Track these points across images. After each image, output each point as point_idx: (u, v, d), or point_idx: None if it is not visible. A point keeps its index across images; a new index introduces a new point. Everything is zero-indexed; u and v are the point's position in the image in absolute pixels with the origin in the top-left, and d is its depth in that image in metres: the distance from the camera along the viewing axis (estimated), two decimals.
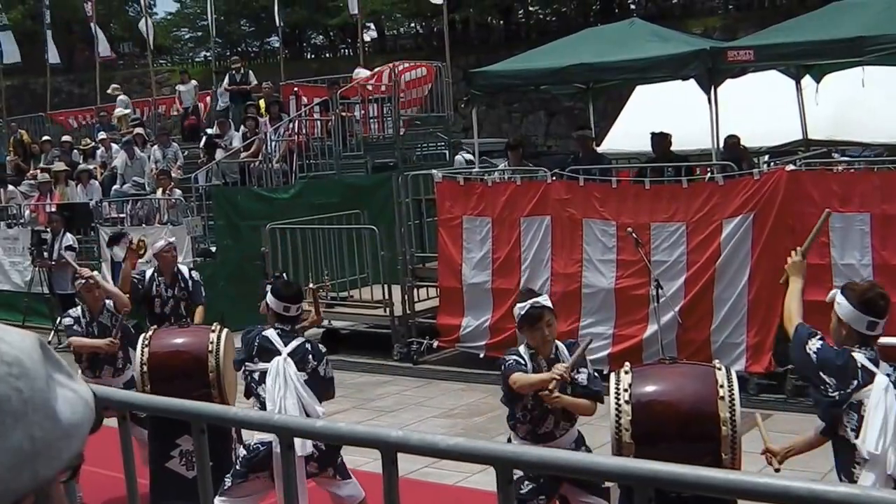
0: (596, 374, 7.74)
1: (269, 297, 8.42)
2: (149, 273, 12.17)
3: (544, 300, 7.59)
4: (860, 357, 6.23)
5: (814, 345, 6.43)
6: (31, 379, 1.53)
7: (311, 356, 8.22)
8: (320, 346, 8.55)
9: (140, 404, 4.75)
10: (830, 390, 6.24)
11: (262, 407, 7.94)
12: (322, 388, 8.28)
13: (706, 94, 14.64)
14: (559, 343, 7.62)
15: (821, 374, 6.30)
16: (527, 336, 7.56)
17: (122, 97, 31.42)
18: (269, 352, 8.11)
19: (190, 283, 12.15)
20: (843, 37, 13.91)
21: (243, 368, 8.29)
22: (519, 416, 7.54)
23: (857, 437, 6.13)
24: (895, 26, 13.71)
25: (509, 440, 7.66)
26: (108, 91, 32.77)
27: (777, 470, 6.83)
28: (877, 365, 6.21)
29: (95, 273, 11.29)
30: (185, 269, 12.51)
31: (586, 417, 7.69)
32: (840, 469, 6.37)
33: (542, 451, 4.08)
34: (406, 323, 16.68)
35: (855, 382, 6.17)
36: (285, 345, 8.14)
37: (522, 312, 7.48)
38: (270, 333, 8.22)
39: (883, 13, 14.34)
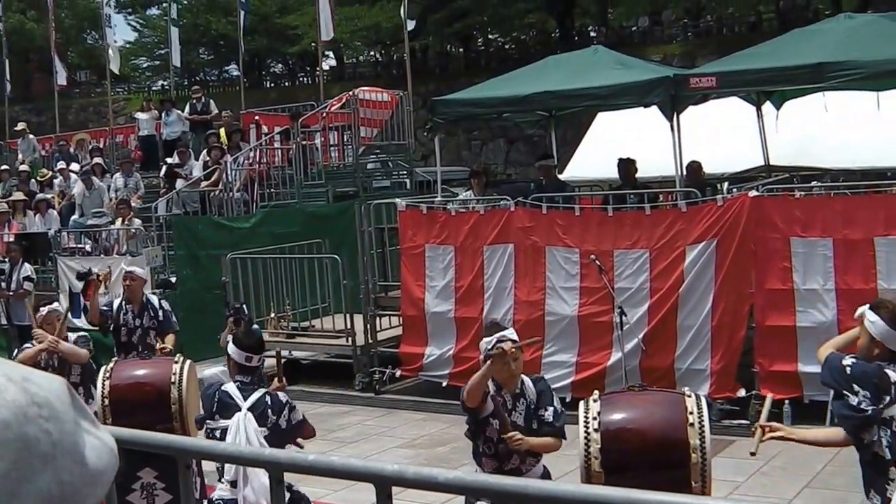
0: (562, 409, 7.68)
1: (231, 348, 8.25)
2: (116, 303, 12.07)
3: (511, 334, 7.54)
4: (893, 374, 6.24)
5: (848, 360, 6.44)
6: (61, 422, 1.49)
7: (269, 410, 7.96)
8: (280, 395, 8.22)
9: (125, 439, 4.66)
10: (864, 404, 6.24)
11: (222, 466, 7.82)
12: (291, 436, 8.09)
13: (669, 120, 14.68)
14: (525, 377, 7.56)
15: (854, 386, 6.30)
16: (493, 365, 7.46)
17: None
18: (229, 407, 7.89)
19: (160, 312, 12.08)
20: (805, 63, 14.00)
21: (205, 427, 8.13)
22: (483, 449, 7.48)
23: (891, 453, 6.13)
24: (855, 53, 13.83)
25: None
26: (16, 128, 32.26)
27: (753, 453, 6.92)
28: None
29: (53, 340, 11.06)
30: (154, 299, 12.43)
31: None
32: (871, 485, 6.36)
33: (541, 484, 4.04)
34: (368, 352, 16.58)
35: (888, 398, 6.19)
36: (245, 399, 7.90)
37: (489, 347, 7.40)
38: (230, 388, 8.01)
39: (843, 40, 14.48)
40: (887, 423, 6.18)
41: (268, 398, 8.06)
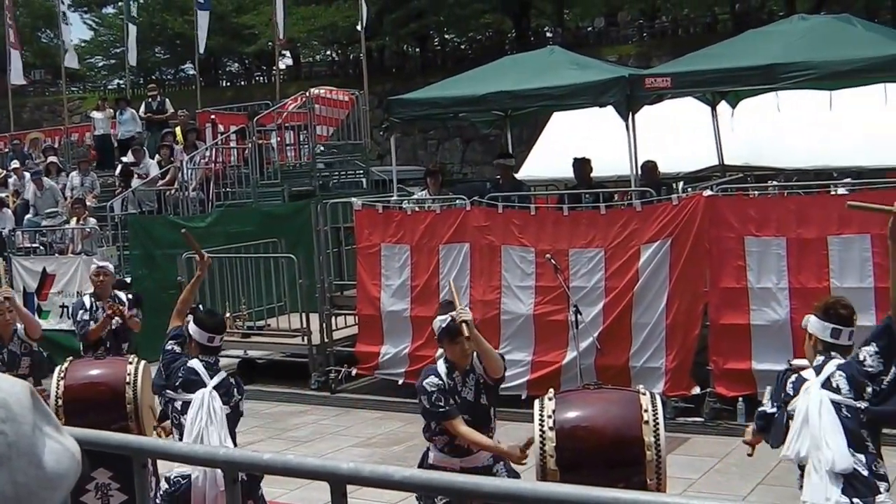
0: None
1: (192, 328, 8.24)
2: (87, 301, 12.03)
3: (466, 314, 7.56)
4: (806, 373, 6.39)
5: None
6: (18, 424, 1.49)
7: (235, 390, 8.08)
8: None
9: (80, 439, 4.63)
10: (769, 407, 6.48)
11: (181, 437, 7.82)
12: (236, 422, 8.18)
13: (624, 120, 14.74)
14: (475, 354, 7.61)
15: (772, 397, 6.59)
16: (446, 349, 7.56)
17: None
18: (193, 383, 7.94)
19: (128, 303, 12.08)
20: (758, 64, 14.08)
21: (163, 394, 8.14)
22: (436, 428, 7.49)
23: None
24: (808, 54, 13.93)
25: (426, 453, 7.64)
26: None
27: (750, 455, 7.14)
28: (819, 372, 6.38)
29: (11, 292, 11.11)
30: (121, 295, 12.38)
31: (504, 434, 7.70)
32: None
33: (499, 482, 4.05)
34: (324, 351, 16.56)
35: (782, 395, 6.39)
36: (211, 377, 7.98)
37: (444, 325, 7.47)
38: (196, 364, 8.04)
39: (797, 41, 14.58)
40: (790, 416, 6.36)
41: (232, 379, 8.18)
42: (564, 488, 3.26)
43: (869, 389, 6.28)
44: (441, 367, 7.53)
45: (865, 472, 6.15)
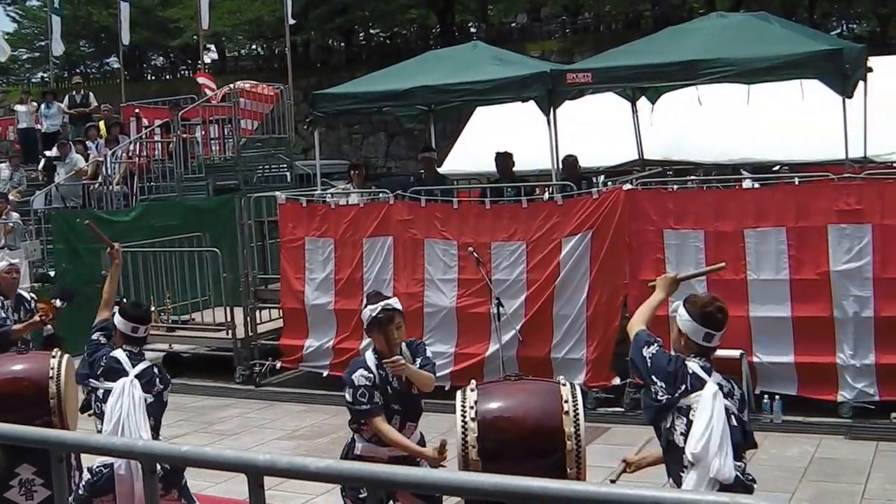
0: (434, 360, 7.91)
1: (117, 318, 8.27)
2: None
3: (395, 303, 7.65)
4: (693, 365, 6.42)
5: (650, 350, 6.59)
6: None
7: (157, 380, 8.10)
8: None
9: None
10: (659, 394, 6.44)
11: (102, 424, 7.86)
12: (161, 412, 8.21)
13: (545, 115, 14.90)
14: (403, 344, 7.70)
15: (652, 377, 6.49)
16: (375, 339, 7.59)
17: None
18: (116, 372, 7.96)
19: (33, 303, 11.98)
20: (678, 60, 14.30)
21: (87, 383, 8.17)
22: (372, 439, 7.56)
23: (685, 441, 6.32)
24: (727, 50, 14.17)
25: (351, 442, 7.73)
26: None
27: (613, 481, 7.05)
28: (709, 374, 6.40)
29: None
30: (24, 294, 12.29)
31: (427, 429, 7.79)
32: (669, 473, 6.54)
33: (414, 471, 4.12)
34: (248, 345, 16.58)
35: (683, 387, 6.37)
36: (133, 366, 8.02)
37: (374, 314, 7.52)
38: (119, 354, 8.07)
39: (715, 37, 14.82)
40: (683, 412, 6.38)
41: (155, 369, 8.21)
42: (480, 477, 3.36)
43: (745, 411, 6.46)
44: (370, 358, 7.57)
45: (741, 482, 6.29)
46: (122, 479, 7.60)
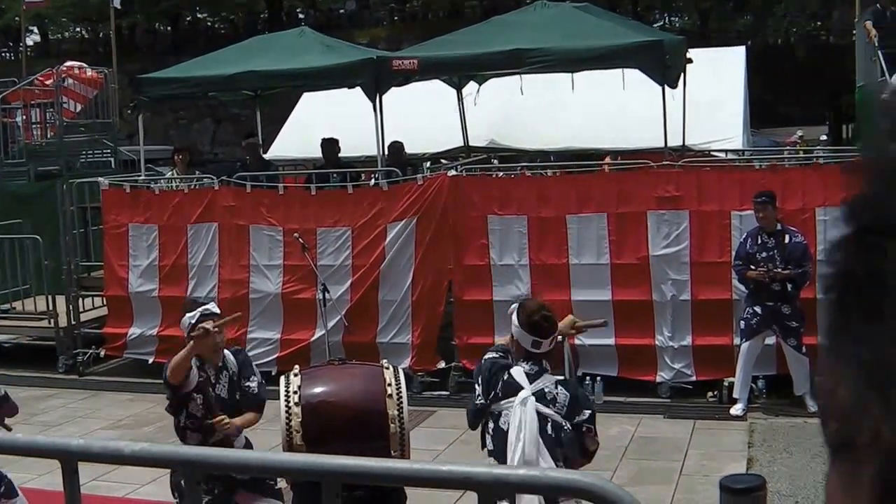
0: (263, 380, 7.81)
1: None
2: None
3: (213, 308, 7.58)
4: (517, 371, 6.56)
5: (485, 356, 6.77)
6: None
7: None
8: None
9: None
10: (477, 398, 6.60)
11: None
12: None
13: (372, 101, 14.95)
14: (226, 350, 7.62)
15: (476, 381, 6.65)
16: (196, 346, 7.34)
17: None
18: None
19: None
20: (503, 49, 14.48)
21: None
22: (186, 423, 7.47)
23: (490, 443, 6.52)
24: (549, 40, 14.45)
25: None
26: None
27: None
28: (535, 379, 6.52)
29: None
30: None
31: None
32: None
33: (225, 452, 4.12)
34: (71, 334, 16.28)
35: (493, 393, 6.56)
36: None
37: (193, 321, 7.39)
38: None
39: (539, 28, 15.08)
40: (494, 418, 6.57)
41: None
42: (291, 457, 3.39)
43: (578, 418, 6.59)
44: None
45: None
46: None
